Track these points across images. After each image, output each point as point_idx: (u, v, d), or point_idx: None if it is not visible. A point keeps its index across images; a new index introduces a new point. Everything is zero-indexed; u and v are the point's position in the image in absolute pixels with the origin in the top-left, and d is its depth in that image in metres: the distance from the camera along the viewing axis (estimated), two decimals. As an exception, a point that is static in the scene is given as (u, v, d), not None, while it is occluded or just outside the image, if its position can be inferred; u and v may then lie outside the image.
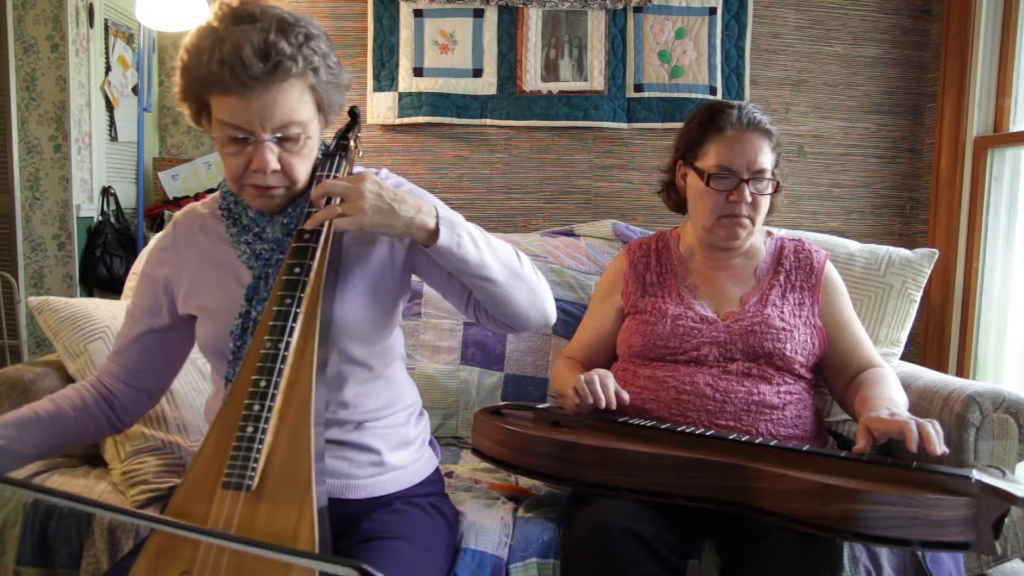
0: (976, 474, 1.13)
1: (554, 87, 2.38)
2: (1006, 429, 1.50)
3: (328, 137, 1.25)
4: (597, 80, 2.38)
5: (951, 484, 1.13)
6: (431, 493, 1.29)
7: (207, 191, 3.07)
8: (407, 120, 2.39)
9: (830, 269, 1.62)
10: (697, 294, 1.59)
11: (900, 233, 2.47)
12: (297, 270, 1.08)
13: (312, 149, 1.16)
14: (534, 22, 2.37)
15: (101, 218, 3.04)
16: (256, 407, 1.00)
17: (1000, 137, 2.25)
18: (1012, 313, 2.22)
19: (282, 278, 1.09)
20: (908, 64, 2.44)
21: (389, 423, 1.25)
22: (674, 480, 1.23)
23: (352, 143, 1.24)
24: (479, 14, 2.36)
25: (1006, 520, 1.12)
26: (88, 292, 3.00)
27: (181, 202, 3.01)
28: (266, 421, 1.00)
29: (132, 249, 2.99)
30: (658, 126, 2.40)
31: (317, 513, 0.96)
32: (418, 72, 2.37)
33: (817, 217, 2.46)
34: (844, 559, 1.23)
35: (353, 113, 1.29)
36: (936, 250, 1.93)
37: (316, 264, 1.09)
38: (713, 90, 2.39)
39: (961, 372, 2.29)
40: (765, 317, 1.51)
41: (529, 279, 1.21)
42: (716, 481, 1.21)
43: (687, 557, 1.30)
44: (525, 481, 1.59)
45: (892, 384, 1.45)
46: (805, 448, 1.26)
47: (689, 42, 2.38)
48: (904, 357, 1.93)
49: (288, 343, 1.04)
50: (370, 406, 1.23)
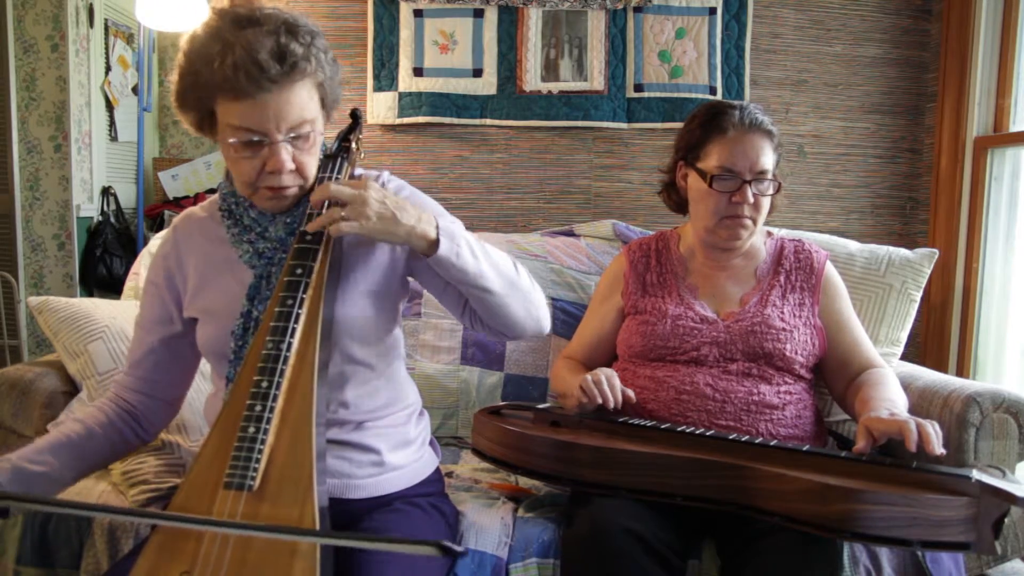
0: (976, 474, 1.13)
1: (554, 87, 2.38)
2: (1006, 429, 1.50)
3: (329, 138, 1.25)
4: (597, 80, 2.38)
5: (951, 484, 1.13)
6: (431, 493, 1.29)
7: (207, 191, 3.07)
8: (407, 120, 2.39)
9: (830, 269, 1.62)
10: (697, 294, 1.59)
11: (900, 233, 2.47)
12: (299, 271, 1.09)
13: (319, 146, 1.18)
14: (534, 22, 2.37)
15: (101, 218, 3.04)
16: (258, 407, 1.01)
17: (1000, 137, 2.24)
18: (1012, 313, 2.22)
19: (284, 279, 1.09)
20: (908, 64, 2.44)
21: (389, 423, 1.25)
22: (674, 480, 1.23)
23: (354, 145, 1.24)
24: (479, 14, 2.36)
25: (1006, 520, 1.12)
26: (88, 292, 3.00)
27: (181, 202, 3.01)
28: (268, 422, 1.00)
29: (132, 249, 2.99)
30: (658, 126, 2.40)
31: (318, 513, 0.97)
32: (418, 72, 2.37)
33: (817, 217, 2.46)
34: (844, 559, 1.23)
35: (355, 115, 1.30)
36: (936, 250, 1.93)
37: (318, 265, 1.10)
38: (713, 90, 2.39)
39: (961, 372, 2.29)
40: (765, 317, 1.51)
41: (525, 289, 1.21)
42: (716, 481, 1.21)
43: (687, 557, 1.30)
44: (525, 481, 1.59)
45: (892, 385, 1.45)
46: (805, 448, 1.26)
47: (689, 42, 2.38)
48: (904, 357, 1.92)
49: (290, 344, 1.04)
50: (370, 406, 1.23)
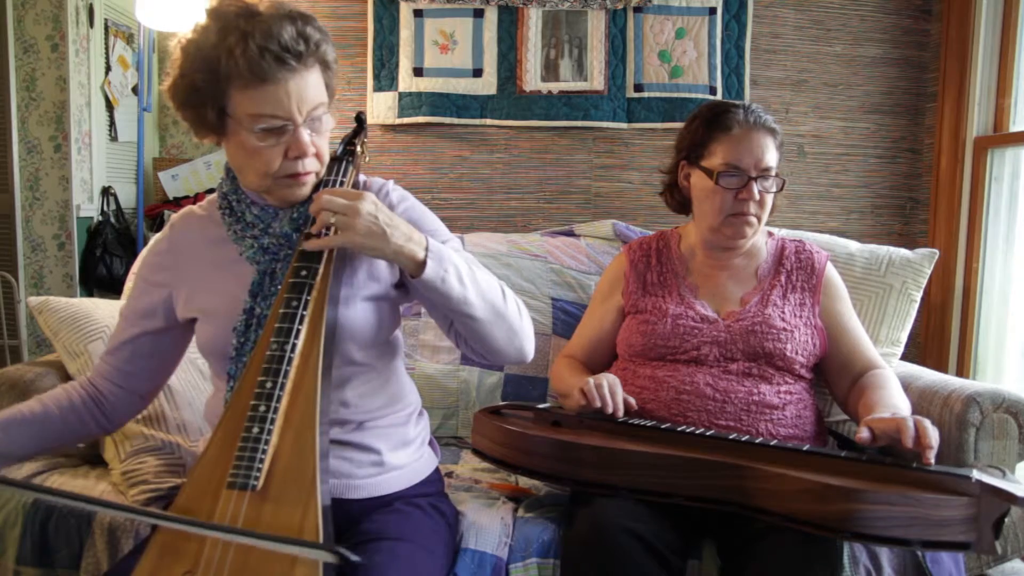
0: (976, 474, 1.13)
1: (554, 87, 2.38)
2: (1006, 429, 1.50)
3: (335, 137, 1.25)
4: (597, 80, 2.38)
5: (951, 484, 1.13)
6: (431, 493, 1.29)
7: (207, 191, 3.07)
8: (407, 120, 2.39)
9: (831, 270, 1.62)
10: (698, 293, 1.59)
11: (900, 233, 2.47)
12: (304, 272, 1.09)
13: (330, 130, 1.19)
14: (534, 22, 2.37)
15: (101, 218, 3.04)
16: (262, 408, 1.01)
17: (1000, 137, 2.24)
18: (1012, 313, 2.22)
19: (288, 280, 1.09)
20: (908, 64, 2.44)
21: (389, 423, 1.26)
22: (674, 480, 1.23)
23: (359, 149, 1.24)
24: (479, 14, 2.36)
25: (1006, 520, 1.12)
26: (88, 292, 3.00)
27: (181, 202, 3.01)
28: (271, 422, 1.00)
29: (132, 249, 2.99)
30: (658, 126, 2.40)
31: (321, 513, 0.97)
32: (418, 72, 2.37)
33: (817, 217, 2.46)
34: (844, 559, 1.23)
35: (359, 119, 1.30)
36: (936, 250, 1.93)
37: (322, 267, 1.10)
38: (713, 90, 2.39)
39: (961, 372, 2.29)
40: (766, 317, 1.51)
41: (511, 318, 1.20)
42: (716, 481, 1.21)
43: (687, 557, 1.30)
44: (525, 481, 1.59)
45: (894, 388, 1.46)
46: (805, 448, 1.26)
47: (689, 42, 2.38)
48: (904, 357, 1.93)
49: (294, 345, 1.04)
50: (371, 406, 1.23)
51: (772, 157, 1.52)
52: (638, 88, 2.39)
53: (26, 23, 2.96)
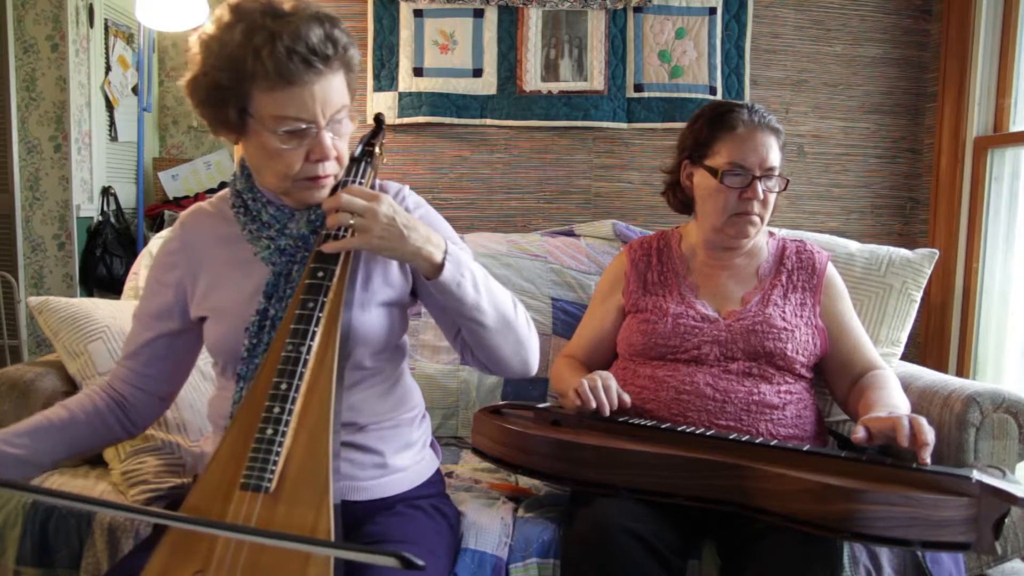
0: (976, 474, 1.13)
1: (554, 87, 2.38)
2: (1006, 429, 1.50)
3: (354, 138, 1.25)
4: (597, 80, 2.38)
5: (951, 484, 1.13)
6: (433, 495, 1.29)
7: (207, 191, 3.08)
8: (407, 120, 2.39)
9: (831, 271, 1.62)
10: (698, 293, 1.59)
11: (900, 233, 2.47)
12: (320, 274, 1.08)
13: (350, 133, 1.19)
14: (534, 22, 2.37)
15: (101, 218, 3.04)
16: (276, 409, 1.01)
17: (1000, 137, 2.24)
18: (1012, 313, 2.22)
19: (305, 281, 1.09)
20: (908, 64, 2.43)
21: (393, 425, 1.25)
22: (674, 480, 1.23)
23: (377, 150, 1.23)
24: (479, 14, 2.36)
25: (1006, 520, 1.12)
26: (88, 292, 3.00)
27: (181, 202, 3.01)
28: (286, 424, 1.00)
29: (132, 249, 2.99)
30: (658, 126, 2.40)
31: (333, 514, 0.97)
32: (418, 72, 2.37)
33: (817, 217, 2.46)
34: (844, 559, 1.23)
35: (378, 120, 1.29)
36: (936, 250, 1.93)
37: (339, 270, 1.09)
38: (713, 90, 2.39)
39: (961, 372, 2.29)
40: (767, 317, 1.51)
41: (520, 330, 1.20)
42: (716, 481, 1.21)
43: (687, 557, 1.30)
44: (525, 481, 1.59)
45: (894, 388, 1.46)
46: (805, 448, 1.26)
47: (689, 42, 2.38)
48: (904, 357, 1.92)
49: (310, 347, 1.04)
50: (378, 409, 1.23)
51: (776, 157, 1.52)
52: (638, 88, 2.39)
53: (26, 23, 2.96)
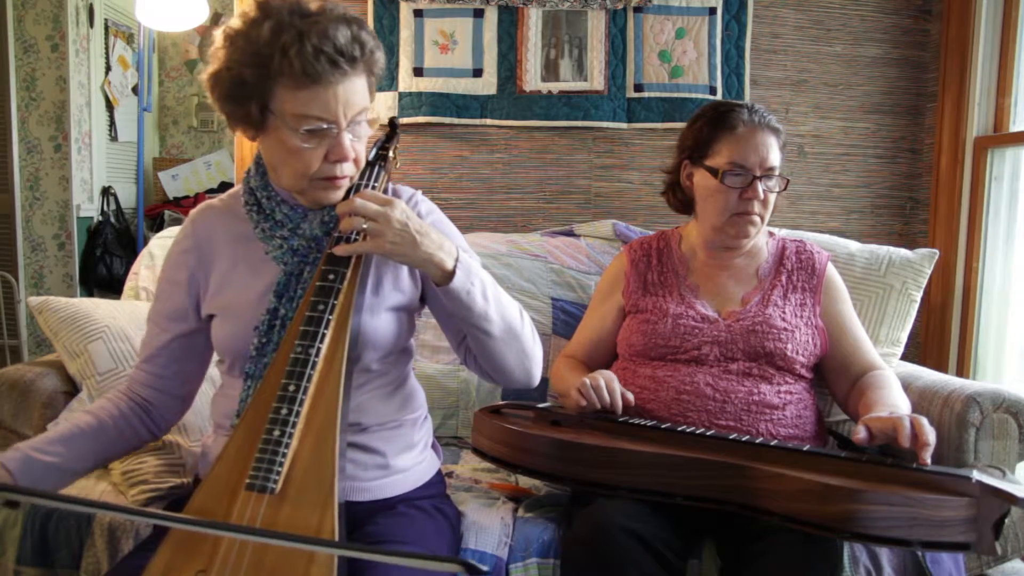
0: (976, 474, 1.13)
1: (554, 87, 2.38)
2: (1006, 429, 1.50)
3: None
4: (597, 80, 2.38)
5: (951, 484, 1.13)
6: (434, 495, 1.30)
7: (207, 191, 3.08)
8: (407, 120, 2.39)
9: (832, 271, 1.62)
10: (698, 293, 1.59)
11: (900, 233, 2.47)
12: (332, 277, 1.09)
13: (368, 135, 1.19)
14: (534, 22, 2.37)
15: (101, 218, 3.04)
16: (284, 411, 1.01)
17: (1000, 137, 2.24)
18: (1012, 313, 2.22)
19: (316, 283, 1.09)
20: (908, 64, 2.43)
21: (396, 426, 1.26)
22: (674, 480, 1.23)
23: (391, 154, 1.24)
24: (479, 14, 2.36)
25: (1006, 520, 1.12)
26: (88, 292, 3.01)
27: (181, 202, 3.01)
28: (293, 426, 1.00)
29: (132, 249, 3.00)
30: (658, 126, 2.40)
31: (338, 516, 0.97)
32: (418, 72, 2.37)
33: (817, 217, 2.46)
34: (844, 559, 1.23)
35: (392, 124, 1.29)
36: (936, 250, 1.93)
37: (350, 272, 1.10)
38: (713, 90, 2.39)
39: (961, 372, 2.29)
40: (767, 317, 1.51)
41: (525, 341, 1.21)
42: (716, 481, 1.21)
43: (687, 557, 1.30)
44: (525, 481, 1.59)
45: (895, 389, 1.46)
46: (805, 448, 1.26)
47: (689, 42, 2.38)
48: (904, 357, 1.93)
49: (319, 349, 1.04)
50: (382, 411, 1.23)
51: (776, 157, 1.53)
52: (638, 88, 2.39)
53: (26, 23, 2.96)
